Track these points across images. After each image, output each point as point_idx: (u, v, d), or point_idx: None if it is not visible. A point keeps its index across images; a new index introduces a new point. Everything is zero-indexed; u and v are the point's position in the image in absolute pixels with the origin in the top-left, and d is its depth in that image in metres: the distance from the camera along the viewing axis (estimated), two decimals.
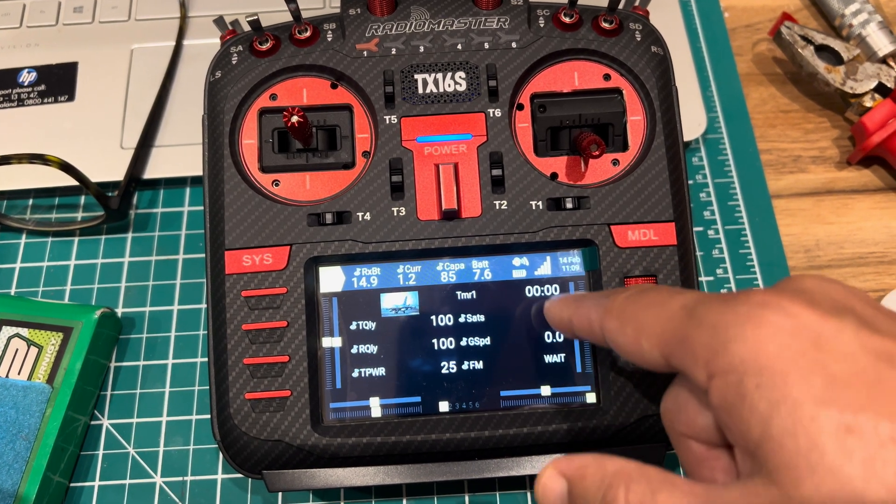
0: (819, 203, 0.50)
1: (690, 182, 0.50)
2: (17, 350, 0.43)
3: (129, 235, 0.50)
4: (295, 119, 0.37)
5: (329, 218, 0.38)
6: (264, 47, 0.40)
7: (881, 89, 0.50)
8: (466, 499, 0.42)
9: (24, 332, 0.43)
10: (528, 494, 0.42)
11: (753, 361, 0.24)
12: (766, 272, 0.48)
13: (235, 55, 0.40)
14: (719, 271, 0.48)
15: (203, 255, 0.49)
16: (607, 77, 0.41)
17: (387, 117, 0.39)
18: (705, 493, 0.25)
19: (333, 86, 0.40)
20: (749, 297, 0.26)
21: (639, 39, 0.41)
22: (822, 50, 0.51)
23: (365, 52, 0.40)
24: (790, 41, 0.51)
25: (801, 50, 0.51)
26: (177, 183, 0.51)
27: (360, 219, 0.38)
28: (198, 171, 0.50)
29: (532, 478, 0.42)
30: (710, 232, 0.49)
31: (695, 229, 0.46)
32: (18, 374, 0.42)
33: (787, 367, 0.23)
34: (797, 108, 0.54)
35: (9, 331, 0.43)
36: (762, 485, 0.23)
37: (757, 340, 0.24)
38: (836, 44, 0.51)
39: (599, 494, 0.26)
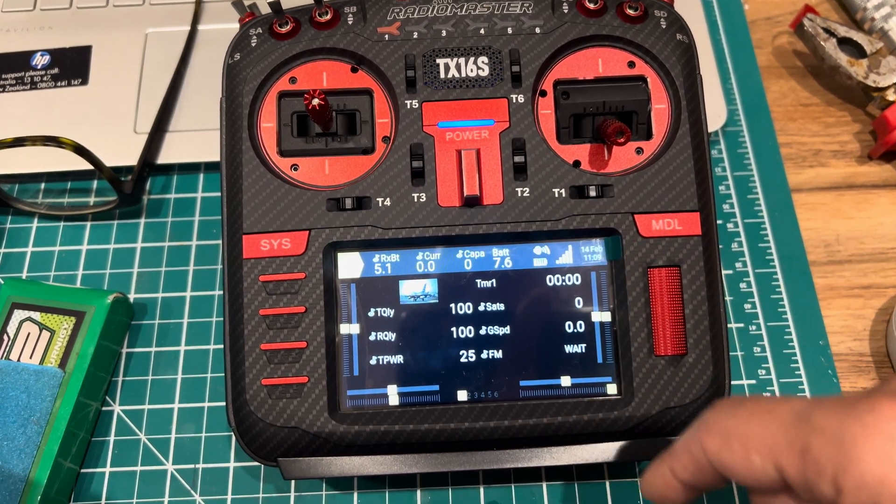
0: (839, 197, 0.50)
1: None
2: (28, 334, 0.42)
3: (142, 221, 0.49)
4: (316, 101, 0.36)
5: (349, 203, 0.38)
6: (284, 30, 0.40)
7: None
8: (481, 490, 0.41)
9: (37, 315, 0.43)
10: (544, 486, 0.41)
11: (891, 483, 0.24)
12: (786, 266, 0.47)
13: (255, 38, 0.40)
14: (738, 265, 0.47)
15: (216, 242, 0.48)
16: (632, 64, 0.40)
17: (408, 102, 0.39)
18: None
19: (354, 70, 0.40)
20: (873, 406, 0.25)
21: (664, 27, 0.40)
22: (844, 43, 0.51)
23: (386, 36, 0.40)
24: (812, 33, 0.51)
25: (823, 42, 0.50)
26: (190, 168, 0.51)
27: (380, 204, 0.38)
28: (212, 156, 0.49)
29: (550, 469, 0.42)
30: (730, 225, 0.49)
31: None
32: (30, 358, 0.42)
33: None
34: (818, 102, 0.53)
35: (21, 314, 0.43)
36: None
37: (890, 459, 0.24)
38: (859, 37, 0.50)
39: None
